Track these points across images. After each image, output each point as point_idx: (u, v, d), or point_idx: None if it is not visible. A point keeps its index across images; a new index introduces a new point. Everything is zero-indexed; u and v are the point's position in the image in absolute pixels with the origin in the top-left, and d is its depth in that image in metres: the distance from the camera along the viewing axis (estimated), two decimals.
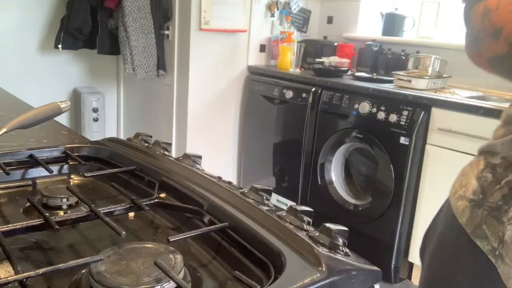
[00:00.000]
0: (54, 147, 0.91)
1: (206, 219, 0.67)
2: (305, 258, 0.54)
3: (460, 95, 2.25)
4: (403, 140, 2.19)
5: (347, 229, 0.60)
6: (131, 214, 0.73)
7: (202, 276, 0.56)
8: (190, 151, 0.89)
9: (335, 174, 2.58)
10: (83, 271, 0.53)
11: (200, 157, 0.87)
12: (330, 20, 3.33)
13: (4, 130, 0.77)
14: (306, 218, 0.64)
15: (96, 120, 3.16)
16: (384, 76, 2.68)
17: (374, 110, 2.30)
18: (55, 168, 0.86)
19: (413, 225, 2.25)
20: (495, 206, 0.61)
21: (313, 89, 2.61)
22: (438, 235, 0.71)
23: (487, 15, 0.60)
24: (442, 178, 2.06)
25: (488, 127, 2.02)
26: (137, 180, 0.83)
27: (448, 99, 2.11)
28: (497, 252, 0.60)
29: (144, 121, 3.28)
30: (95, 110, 3.14)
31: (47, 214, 0.63)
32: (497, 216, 0.61)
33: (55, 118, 0.91)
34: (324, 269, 0.52)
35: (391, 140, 2.23)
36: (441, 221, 0.71)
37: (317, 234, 0.59)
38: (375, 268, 0.56)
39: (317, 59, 2.90)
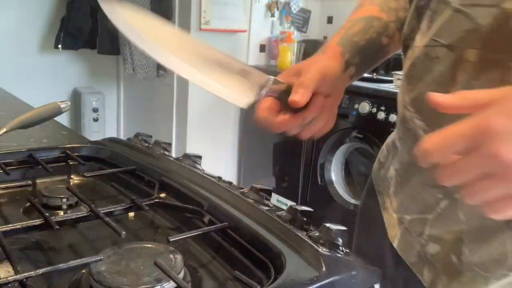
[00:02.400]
0: (54, 147, 0.91)
1: (206, 219, 0.67)
2: (305, 258, 0.54)
3: None
4: None
5: (347, 229, 0.60)
6: (131, 214, 0.73)
7: (202, 276, 0.56)
8: (190, 151, 0.89)
9: (335, 174, 2.58)
10: (83, 271, 0.53)
11: (200, 157, 0.87)
12: (330, 20, 3.33)
13: (4, 130, 0.77)
14: (306, 218, 0.64)
15: (96, 120, 3.16)
16: (384, 76, 2.68)
17: (374, 110, 2.30)
18: (55, 168, 0.86)
19: None
20: (384, 166, 0.74)
21: None
22: (364, 194, 0.86)
23: None
24: None
25: None
26: (137, 180, 0.83)
27: None
28: (385, 204, 0.72)
29: (144, 121, 3.28)
30: (95, 110, 3.14)
31: (47, 214, 0.63)
32: (384, 174, 0.73)
33: (55, 118, 0.91)
34: (324, 269, 0.52)
35: None
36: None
37: (317, 234, 0.59)
38: (375, 268, 0.56)
39: None
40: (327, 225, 0.60)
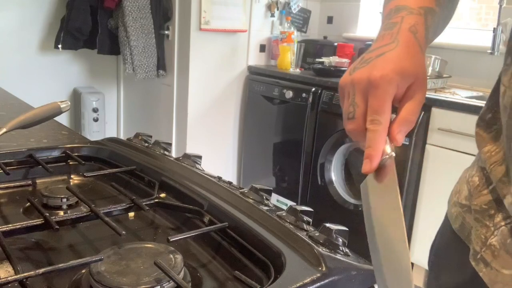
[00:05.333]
0: (54, 147, 0.91)
1: (206, 219, 0.67)
2: (305, 258, 0.54)
3: (460, 95, 2.24)
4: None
5: (347, 229, 0.60)
6: (131, 214, 0.73)
7: (202, 276, 0.56)
8: (190, 151, 0.89)
9: (335, 174, 2.58)
10: (83, 271, 0.53)
11: (200, 157, 0.87)
12: (330, 20, 3.33)
13: (4, 130, 0.77)
14: (306, 218, 0.64)
15: (96, 120, 3.16)
16: None
17: None
18: (55, 168, 0.86)
19: (413, 225, 2.25)
20: (479, 209, 0.61)
21: (313, 89, 2.61)
22: (437, 242, 0.72)
23: None
24: (442, 178, 2.06)
25: None
26: (137, 180, 0.83)
27: (448, 99, 2.11)
28: (478, 256, 0.59)
29: (144, 121, 3.28)
30: (95, 110, 3.14)
31: (47, 214, 0.63)
32: (480, 220, 0.60)
33: (55, 118, 0.91)
34: (324, 269, 0.52)
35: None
36: (440, 228, 0.72)
37: (317, 234, 0.59)
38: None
39: (317, 59, 2.90)
40: (327, 225, 0.60)
